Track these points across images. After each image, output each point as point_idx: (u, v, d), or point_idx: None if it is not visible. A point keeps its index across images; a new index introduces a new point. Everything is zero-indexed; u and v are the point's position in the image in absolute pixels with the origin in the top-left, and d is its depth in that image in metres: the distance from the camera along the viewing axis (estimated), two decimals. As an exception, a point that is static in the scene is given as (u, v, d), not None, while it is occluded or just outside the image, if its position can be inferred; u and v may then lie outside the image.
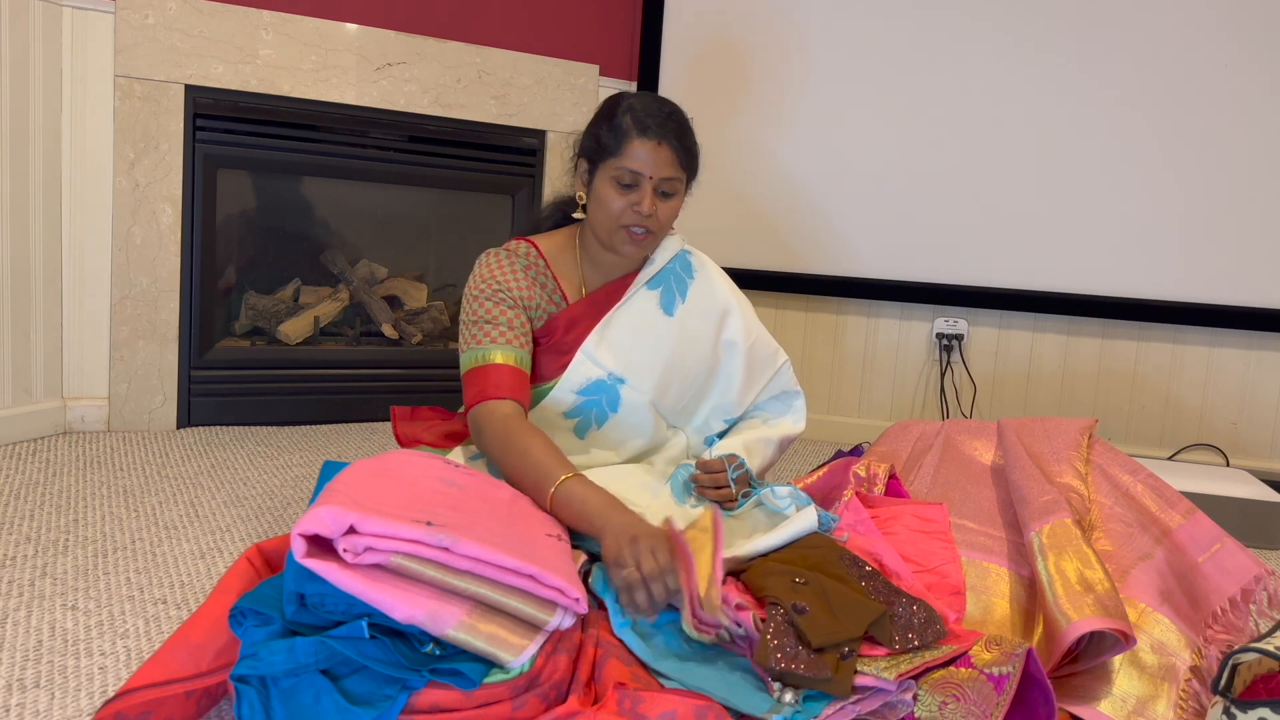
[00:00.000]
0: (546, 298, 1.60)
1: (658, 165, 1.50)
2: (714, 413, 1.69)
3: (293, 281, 2.84)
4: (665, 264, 1.65)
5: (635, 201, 1.50)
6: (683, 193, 1.58)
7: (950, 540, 1.41)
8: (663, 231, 1.57)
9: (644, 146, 1.49)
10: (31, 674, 1.24)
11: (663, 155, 1.50)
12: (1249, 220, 2.69)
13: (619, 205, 1.51)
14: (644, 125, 1.49)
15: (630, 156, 1.49)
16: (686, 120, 1.57)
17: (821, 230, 2.92)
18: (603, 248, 1.59)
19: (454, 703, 1.01)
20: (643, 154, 1.49)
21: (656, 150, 1.49)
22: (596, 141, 1.53)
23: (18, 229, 2.25)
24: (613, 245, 1.56)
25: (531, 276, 1.59)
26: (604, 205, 1.52)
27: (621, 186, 1.51)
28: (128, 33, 2.33)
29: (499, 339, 1.51)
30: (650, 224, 1.52)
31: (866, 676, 1.09)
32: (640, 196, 1.50)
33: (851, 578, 1.25)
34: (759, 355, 1.69)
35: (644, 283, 1.63)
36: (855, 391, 3.01)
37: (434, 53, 2.68)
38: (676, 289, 1.64)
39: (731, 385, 1.67)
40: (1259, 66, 2.64)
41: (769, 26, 2.88)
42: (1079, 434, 1.64)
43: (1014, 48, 2.76)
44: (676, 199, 1.56)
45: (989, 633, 1.20)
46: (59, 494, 1.95)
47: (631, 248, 1.55)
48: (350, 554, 1.04)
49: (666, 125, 1.51)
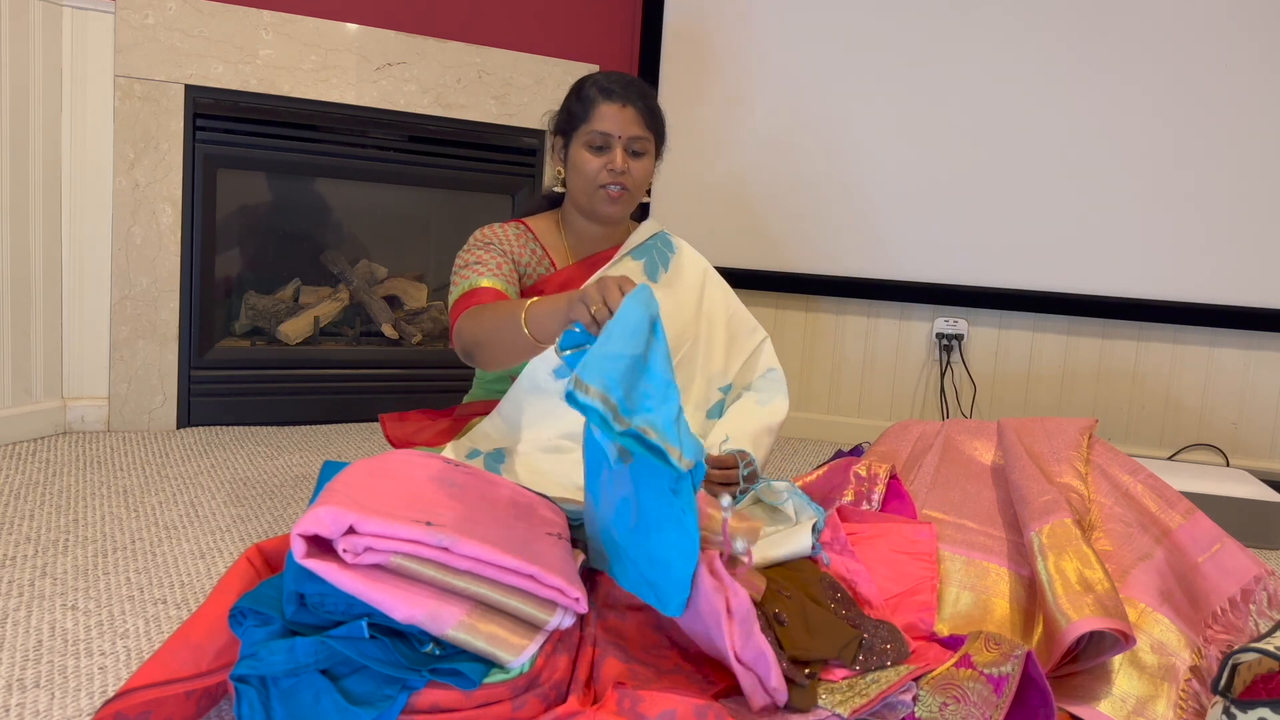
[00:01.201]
0: (535, 262, 1.71)
1: (625, 124, 1.62)
2: (709, 384, 1.75)
3: (293, 281, 2.84)
4: (646, 239, 1.75)
5: (608, 161, 1.62)
6: (653, 154, 1.69)
7: (933, 563, 1.40)
8: (638, 190, 1.68)
9: (610, 108, 1.62)
10: (31, 674, 1.24)
11: (628, 115, 1.62)
12: (1248, 220, 2.69)
13: (594, 167, 1.63)
14: (609, 90, 1.63)
15: (599, 119, 1.62)
16: (649, 87, 1.69)
17: (821, 230, 2.92)
18: (584, 215, 1.71)
19: (454, 703, 1.01)
20: (610, 114, 1.61)
21: (622, 111, 1.62)
22: (568, 114, 1.67)
23: (18, 229, 2.25)
24: (593, 207, 1.67)
25: (521, 243, 1.71)
26: (580, 170, 1.64)
27: (594, 150, 1.63)
28: (128, 33, 2.33)
29: (485, 272, 1.61)
30: (625, 180, 1.63)
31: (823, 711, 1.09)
32: (612, 156, 1.62)
33: (826, 601, 1.26)
34: (739, 328, 1.78)
35: (628, 252, 1.72)
36: (855, 391, 3.01)
37: (434, 53, 2.68)
38: (659, 260, 1.75)
39: (714, 354, 1.75)
40: (1259, 67, 2.64)
41: (769, 27, 2.88)
42: (1079, 434, 1.64)
43: (1015, 49, 2.76)
44: (647, 158, 1.67)
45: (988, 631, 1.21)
46: (59, 494, 1.95)
47: (610, 207, 1.66)
48: (350, 554, 1.04)
49: (630, 89, 1.64)
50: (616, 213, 1.68)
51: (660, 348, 1.13)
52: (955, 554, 1.44)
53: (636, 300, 1.14)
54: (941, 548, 1.45)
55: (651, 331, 1.14)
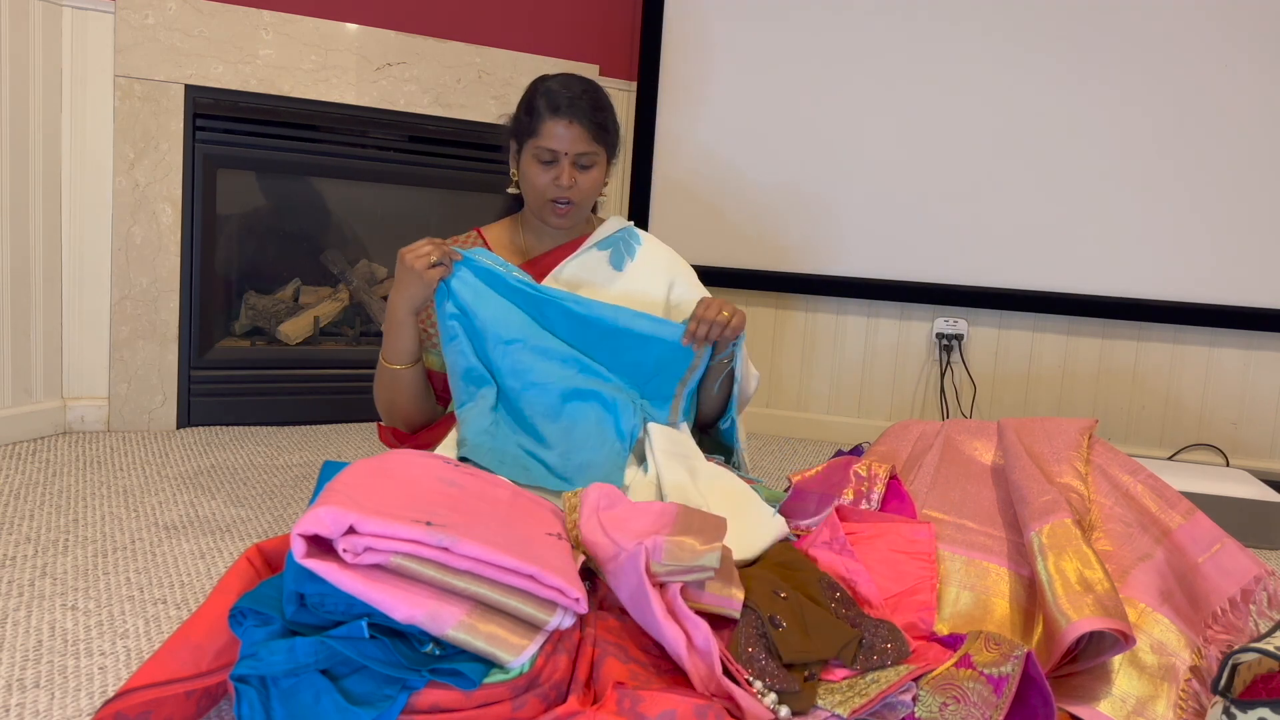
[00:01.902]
0: None
1: (572, 142, 1.63)
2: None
3: (293, 281, 2.84)
4: (613, 233, 1.76)
5: (555, 176, 1.64)
6: (603, 165, 1.70)
7: (932, 562, 1.40)
8: (586, 202, 1.71)
9: (557, 125, 1.62)
10: (31, 674, 1.24)
11: (575, 132, 1.62)
12: (1248, 220, 2.69)
13: (542, 181, 1.65)
14: (556, 105, 1.62)
15: (546, 135, 1.63)
16: (601, 97, 1.68)
17: (822, 230, 2.92)
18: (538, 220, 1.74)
19: (454, 703, 1.01)
20: (557, 132, 1.62)
21: (569, 129, 1.62)
22: (519, 123, 1.69)
23: (18, 229, 2.25)
24: (542, 218, 1.71)
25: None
26: (529, 181, 1.67)
27: (542, 164, 1.65)
28: (128, 33, 2.33)
29: (427, 344, 1.70)
30: (572, 194, 1.66)
31: (823, 712, 1.09)
32: (559, 171, 1.64)
33: (825, 601, 1.26)
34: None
35: (593, 244, 1.74)
36: (855, 391, 3.01)
37: (434, 53, 2.68)
38: (625, 251, 1.76)
39: None
40: (1258, 67, 2.64)
41: (769, 27, 2.88)
42: (1079, 434, 1.63)
43: (1015, 48, 2.76)
44: (596, 170, 1.68)
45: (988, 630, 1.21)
46: (59, 494, 1.95)
47: (557, 219, 1.69)
48: (350, 554, 1.04)
49: (576, 105, 1.63)
50: (564, 225, 1.72)
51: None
52: (955, 554, 1.44)
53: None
54: (941, 547, 1.45)
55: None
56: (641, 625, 1.17)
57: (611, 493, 1.36)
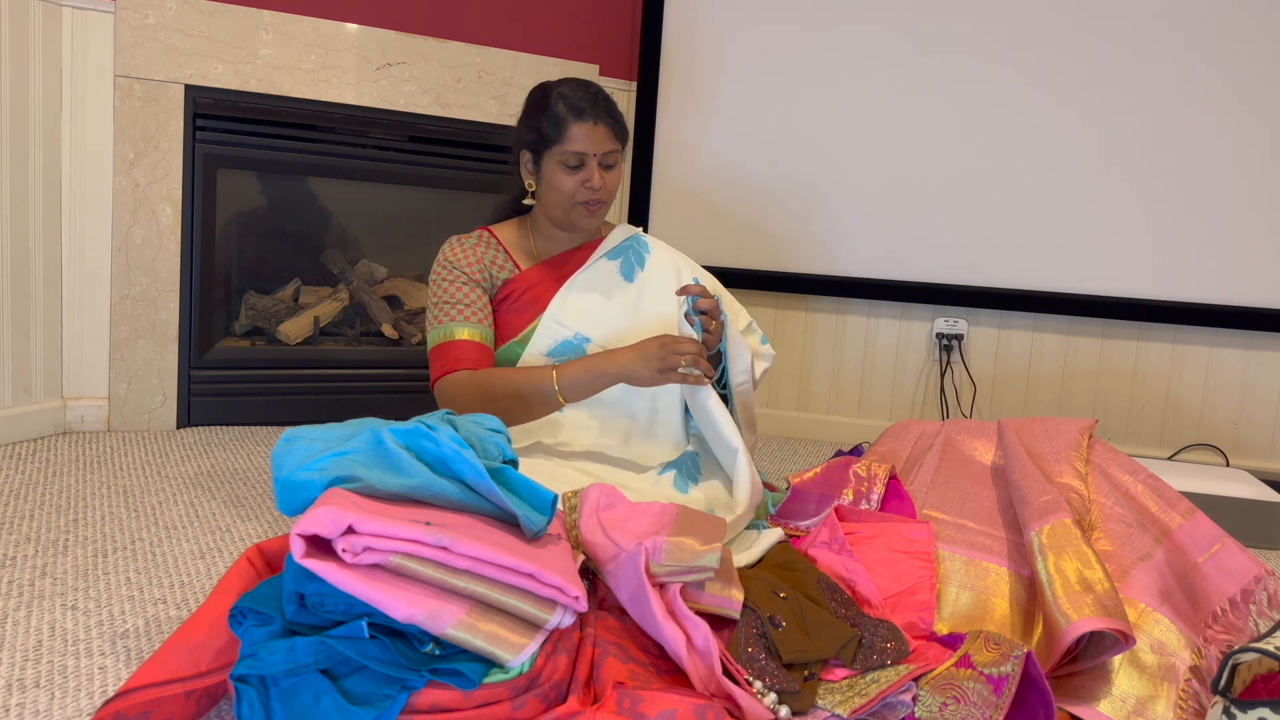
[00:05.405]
0: (498, 269, 1.76)
1: (598, 143, 1.66)
2: None
3: (293, 281, 2.84)
4: (622, 241, 1.79)
5: (585, 179, 1.67)
6: (621, 161, 1.74)
7: (932, 561, 1.41)
8: (612, 198, 1.74)
9: (582, 129, 1.65)
10: (31, 674, 1.24)
11: (600, 133, 1.66)
12: (1248, 220, 2.69)
13: (571, 185, 1.67)
14: (579, 109, 1.65)
15: (572, 140, 1.65)
16: (610, 96, 1.73)
17: (822, 230, 2.92)
18: (559, 227, 1.77)
19: (454, 703, 1.01)
20: (583, 135, 1.65)
21: (594, 130, 1.65)
22: (538, 133, 1.69)
23: (18, 229, 2.25)
24: (571, 221, 1.72)
25: (481, 254, 1.75)
26: (557, 189, 1.69)
27: (569, 169, 1.67)
28: (128, 33, 2.33)
29: (459, 316, 1.68)
30: (602, 194, 1.69)
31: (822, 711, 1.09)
32: (589, 174, 1.67)
33: (825, 600, 1.26)
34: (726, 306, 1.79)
35: (603, 254, 1.77)
36: (855, 391, 3.01)
37: (434, 53, 2.68)
38: (635, 260, 1.78)
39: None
40: (1257, 67, 2.64)
41: (769, 27, 2.88)
42: (1079, 434, 1.64)
43: (1013, 49, 2.76)
44: (618, 168, 1.72)
45: (988, 630, 1.20)
46: (59, 494, 1.95)
47: (589, 220, 1.72)
48: (349, 554, 1.04)
49: (598, 105, 1.67)
50: (594, 224, 1.75)
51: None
52: (955, 553, 1.45)
53: None
54: (941, 547, 1.45)
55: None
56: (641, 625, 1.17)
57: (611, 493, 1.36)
